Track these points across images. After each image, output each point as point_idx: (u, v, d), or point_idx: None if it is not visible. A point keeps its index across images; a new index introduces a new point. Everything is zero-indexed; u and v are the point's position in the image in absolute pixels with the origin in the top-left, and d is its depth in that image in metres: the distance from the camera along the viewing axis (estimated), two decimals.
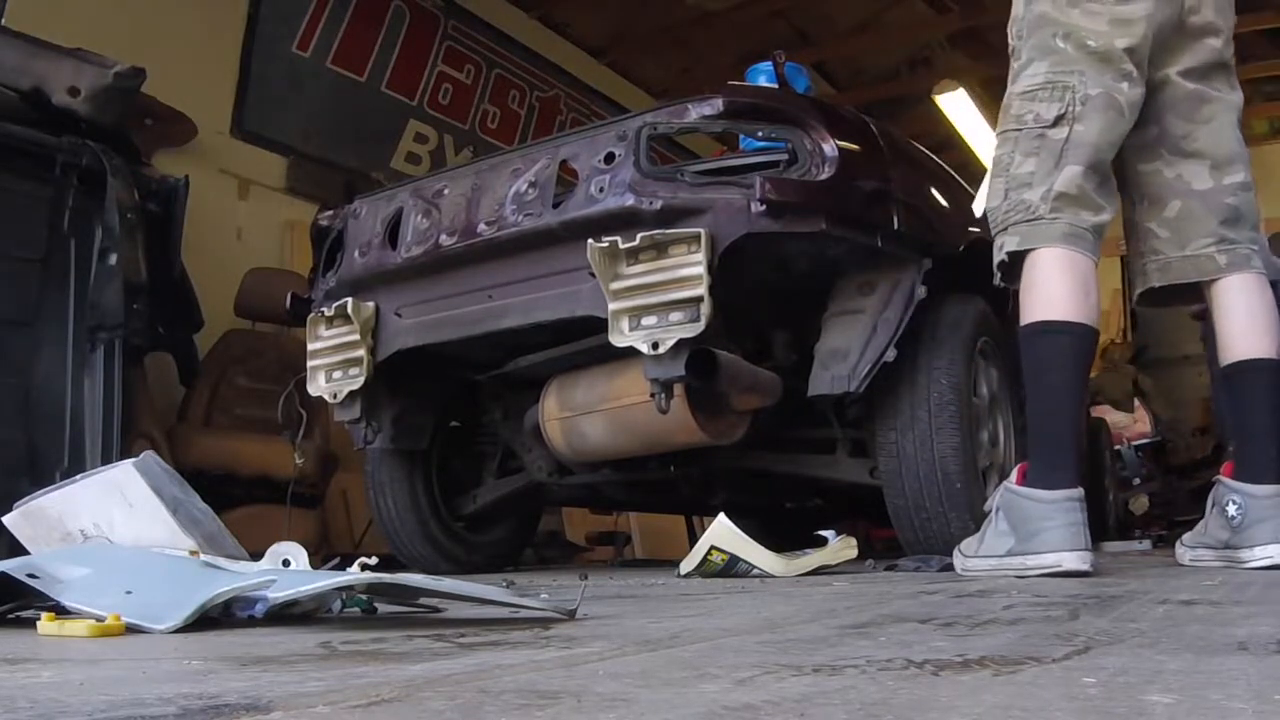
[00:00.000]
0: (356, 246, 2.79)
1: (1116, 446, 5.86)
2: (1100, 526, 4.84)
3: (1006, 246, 1.99)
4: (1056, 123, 1.96)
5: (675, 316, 2.22)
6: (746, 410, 2.61)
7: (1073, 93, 1.96)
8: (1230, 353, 2.11)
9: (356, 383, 2.74)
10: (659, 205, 2.28)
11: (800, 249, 2.39)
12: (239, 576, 1.35)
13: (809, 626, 1.16)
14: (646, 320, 2.25)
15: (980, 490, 2.54)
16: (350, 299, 2.73)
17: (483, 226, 2.52)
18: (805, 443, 2.85)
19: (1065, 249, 1.93)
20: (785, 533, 3.17)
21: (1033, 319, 1.94)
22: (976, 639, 0.97)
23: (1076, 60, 1.98)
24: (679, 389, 2.37)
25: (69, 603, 1.24)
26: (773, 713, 0.62)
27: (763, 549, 2.26)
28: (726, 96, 2.40)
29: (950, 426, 2.41)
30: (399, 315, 2.72)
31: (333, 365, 2.80)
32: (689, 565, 2.30)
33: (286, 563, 1.50)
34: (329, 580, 1.28)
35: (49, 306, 2.78)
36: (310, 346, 2.85)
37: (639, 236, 2.24)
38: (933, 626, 1.10)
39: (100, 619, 1.17)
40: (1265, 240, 2.21)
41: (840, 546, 2.36)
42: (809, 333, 2.53)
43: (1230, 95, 2.18)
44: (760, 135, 2.39)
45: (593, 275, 2.31)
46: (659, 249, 2.25)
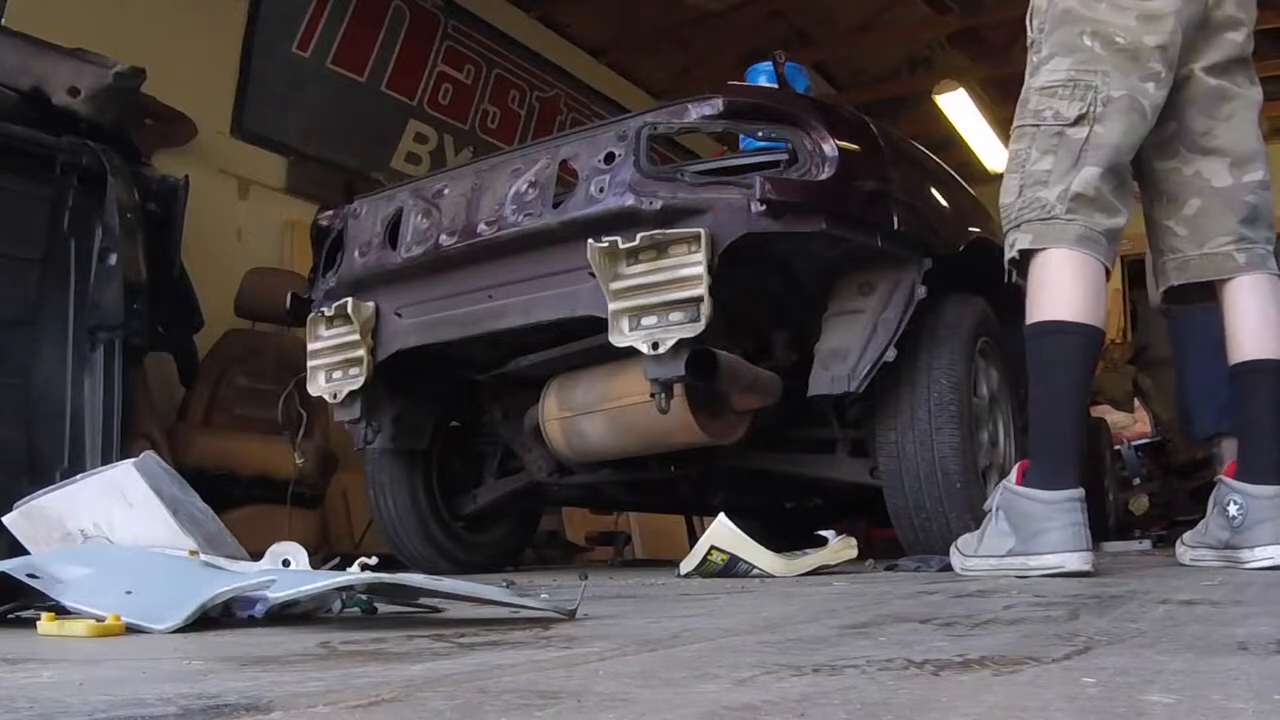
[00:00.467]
0: (356, 246, 2.79)
1: (1116, 446, 5.86)
2: (1100, 526, 4.85)
3: (1019, 244, 1.98)
4: (1077, 122, 1.93)
5: (675, 316, 2.22)
6: (746, 410, 2.61)
7: (1095, 93, 1.94)
8: (1239, 352, 2.10)
9: (356, 383, 2.74)
10: (659, 205, 2.28)
11: (800, 249, 2.39)
12: (239, 576, 1.35)
13: (809, 626, 1.16)
14: (646, 320, 2.25)
15: (980, 490, 2.54)
16: (350, 299, 2.73)
17: (483, 226, 2.52)
18: (805, 443, 2.85)
19: (1078, 251, 1.92)
20: (785, 533, 3.18)
21: (1041, 318, 1.93)
22: (976, 639, 0.97)
23: (1102, 60, 1.94)
24: (679, 389, 2.37)
25: (69, 603, 1.24)
26: (773, 713, 0.62)
27: (762, 549, 2.26)
28: (726, 96, 2.40)
29: (950, 426, 2.41)
30: (399, 315, 2.72)
31: (333, 365, 2.80)
32: (689, 565, 2.30)
33: (286, 563, 1.50)
34: (329, 580, 1.28)
35: (49, 306, 2.77)
36: (310, 346, 2.85)
37: (639, 236, 2.24)
38: (933, 626, 1.10)
39: (100, 619, 1.17)
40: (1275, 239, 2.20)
41: (840, 546, 2.36)
42: (809, 333, 2.53)
43: (1251, 91, 2.14)
44: (760, 135, 2.39)
45: (593, 275, 2.31)
46: (659, 249, 2.25)
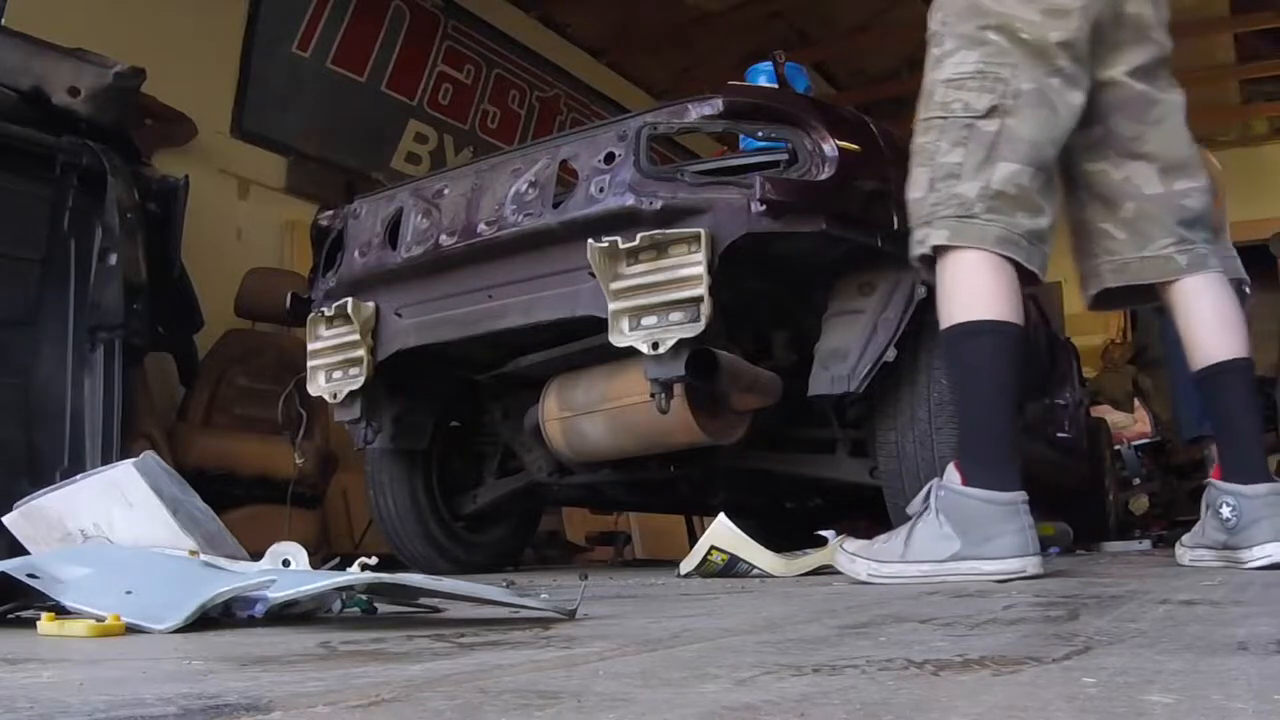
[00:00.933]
0: (356, 246, 2.79)
1: (1116, 446, 5.86)
2: (1100, 526, 4.85)
3: (931, 240, 1.90)
4: (988, 114, 1.87)
5: (675, 316, 2.22)
6: (746, 410, 2.61)
7: (1005, 85, 1.88)
8: (1203, 354, 2.05)
9: (356, 383, 2.74)
10: (659, 205, 2.28)
11: (800, 249, 2.39)
12: (239, 576, 1.35)
13: (809, 626, 1.16)
14: (646, 320, 2.25)
15: None
16: (350, 299, 2.73)
17: (483, 226, 2.52)
18: (805, 443, 2.85)
19: (996, 253, 1.86)
20: (785, 533, 3.18)
21: (963, 319, 1.86)
22: (976, 639, 0.97)
23: (1009, 53, 1.90)
24: (679, 389, 2.37)
25: (69, 603, 1.24)
26: (773, 713, 0.62)
27: (762, 549, 2.26)
28: (726, 96, 2.40)
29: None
30: (399, 315, 2.72)
31: (333, 365, 2.80)
32: (689, 565, 2.30)
33: (286, 563, 1.50)
34: (329, 580, 1.28)
35: (49, 306, 2.77)
36: (310, 346, 2.86)
37: (639, 236, 2.25)
38: (933, 626, 1.10)
39: (100, 619, 1.17)
40: (1229, 244, 2.15)
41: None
42: (809, 333, 2.53)
43: (1174, 94, 2.11)
44: (760, 135, 2.39)
45: (593, 275, 2.31)
46: (659, 249, 2.25)
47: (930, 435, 2.41)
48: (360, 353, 2.73)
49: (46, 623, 1.20)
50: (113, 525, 1.71)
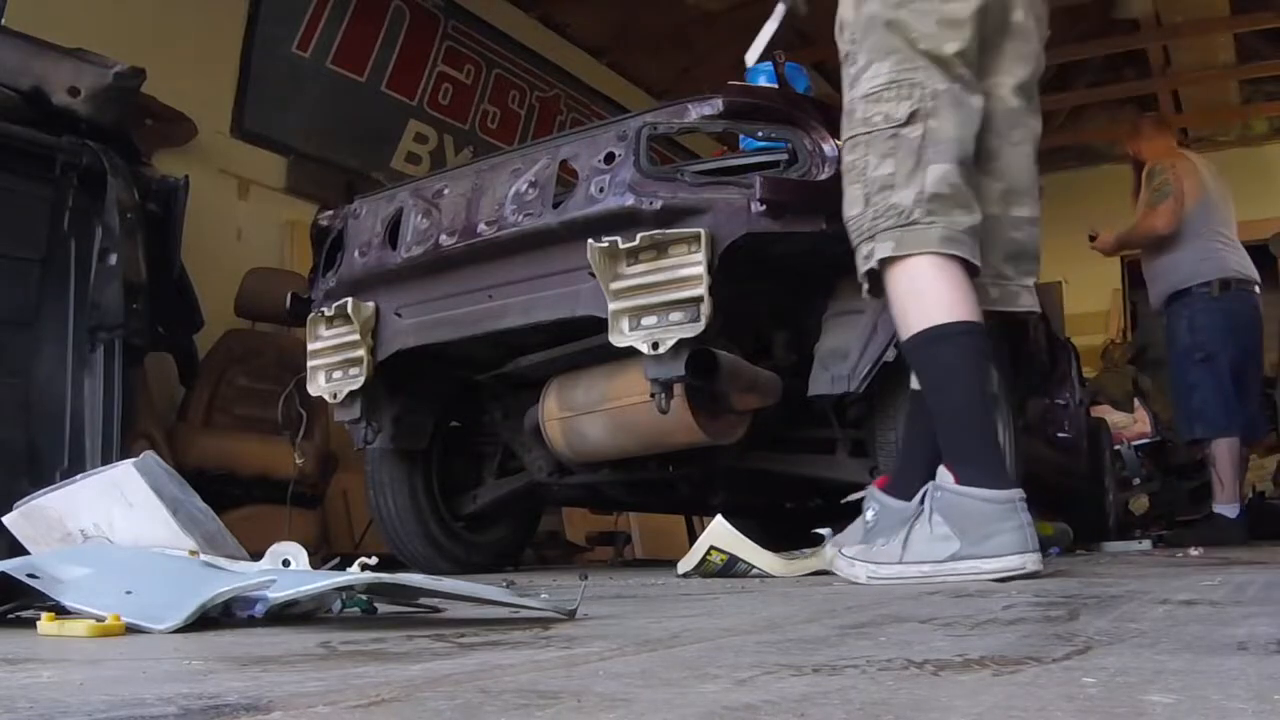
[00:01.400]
0: (356, 246, 2.79)
1: (1116, 446, 5.86)
2: (1100, 526, 4.85)
3: (878, 254, 1.90)
4: (910, 120, 1.88)
5: (675, 316, 2.22)
6: (746, 410, 2.61)
7: (921, 89, 1.90)
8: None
9: (356, 383, 2.74)
10: (659, 205, 2.28)
11: (800, 249, 2.39)
12: (239, 576, 1.35)
13: (809, 626, 1.16)
14: (646, 320, 2.26)
15: None
16: (350, 299, 2.73)
17: (483, 226, 2.52)
18: (805, 443, 2.85)
19: (944, 255, 1.87)
20: (785, 532, 3.18)
21: (928, 324, 1.87)
22: (976, 639, 0.97)
23: (916, 58, 1.91)
24: (679, 389, 2.37)
25: (69, 603, 1.24)
26: (773, 713, 0.62)
27: (761, 549, 2.26)
28: (726, 96, 2.40)
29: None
30: (399, 315, 2.72)
31: (333, 365, 2.80)
32: (687, 565, 2.30)
33: (286, 563, 1.50)
34: (329, 580, 1.28)
35: (49, 306, 2.77)
36: (310, 346, 2.86)
37: (639, 236, 2.25)
38: (933, 626, 1.10)
39: (100, 619, 1.17)
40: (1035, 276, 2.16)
41: None
42: (809, 333, 2.53)
43: (1034, 122, 2.12)
44: (760, 135, 2.39)
45: (592, 275, 2.31)
46: (659, 249, 2.26)
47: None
48: (360, 353, 2.73)
49: (46, 623, 1.20)
50: (113, 525, 1.71)
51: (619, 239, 2.26)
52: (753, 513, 3.63)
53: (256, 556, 1.58)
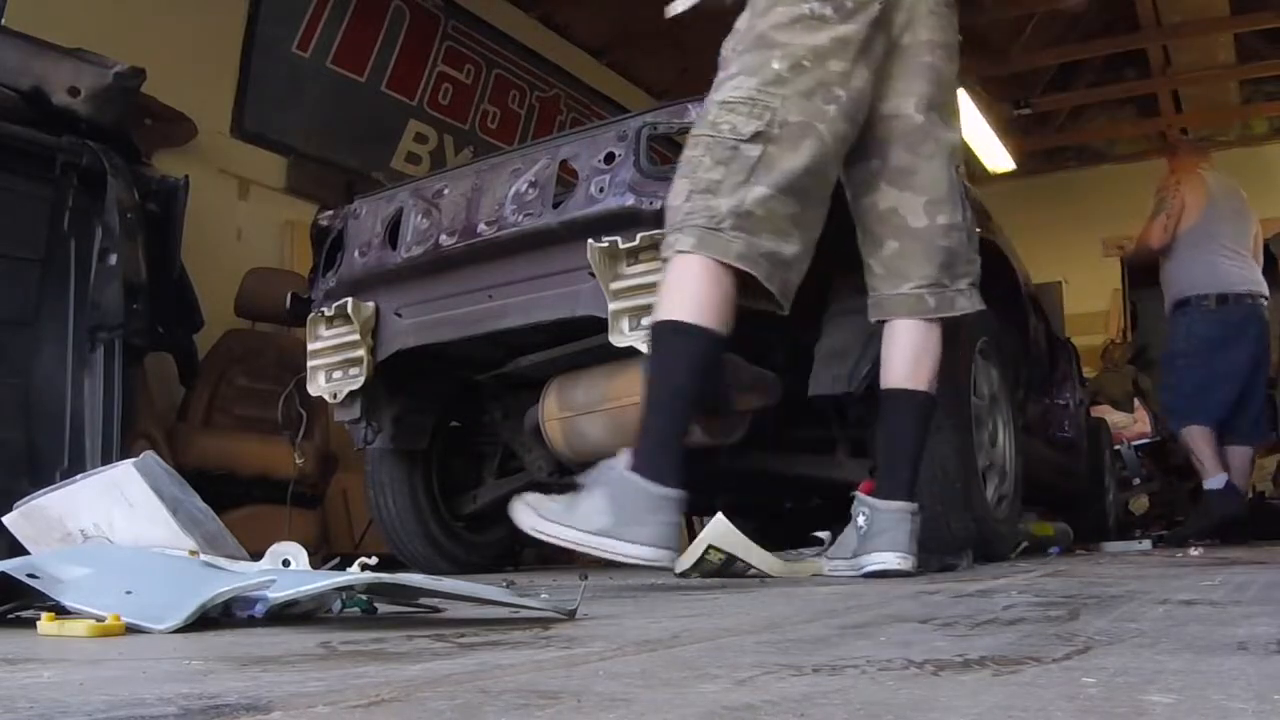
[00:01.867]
0: (356, 246, 2.79)
1: (1116, 446, 5.86)
2: (1100, 526, 4.85)
3: (678, 246, 1.94)
4: (753, 139, 1.92)
5: None
6: (746, 410, 2.61)
7: (773, 114, 1.93)
8: (885, 380, 2.15)
9: (356, 383, 2.74)
10: (659, 205, 2.28)
11: None
12: (239, 576, 1.35)
13: (809, 626, 1.16)
14: (646, 320, 2.25)
15: (980, 489, 2.54)
16: (350, 299, 2.73)
17: (483, 226, 2.52)
18: (805, 443, 2.85)
19: (730, 266, 1.90)
20: (785, 533, 3.17)
21: (671, 317, 1.91)
22: (976, 639, 0.97)
23: (786, 83, 1.95)
24: None
25: (69, 603, 1.24)
26: (773, 713, 0.62)
27: (760, 550, 2.26)
28: None
29: (950, 426, 2.41)
30: (399, 315, 2.72)
31: (333, 365, 2.80)
32: (685, 564, 2.30)
33: (286, 563, 1.50)
34: (329, 580, 1.28)
35: (49, 306, 2.77)
36: (310, 346, 2.85)
37: (639, 236, 2.25)
38: (933, 626, 1.10)
39: (100, 619, 1.17)
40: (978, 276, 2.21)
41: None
42: (809, 333, 2.53)
43: (948, 134, 2.15)
44: None
45: (593, 275, 2.31)
46: (659, 249, 2.25)
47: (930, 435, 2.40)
48: (360, 353, 2.73)
49: (46, 623, 1.20)
50: (113, 525, 1.71)
51: (619, 239, 2.26)
52: (753, 513, 3.62)
53: (256, 556, 1.58)
